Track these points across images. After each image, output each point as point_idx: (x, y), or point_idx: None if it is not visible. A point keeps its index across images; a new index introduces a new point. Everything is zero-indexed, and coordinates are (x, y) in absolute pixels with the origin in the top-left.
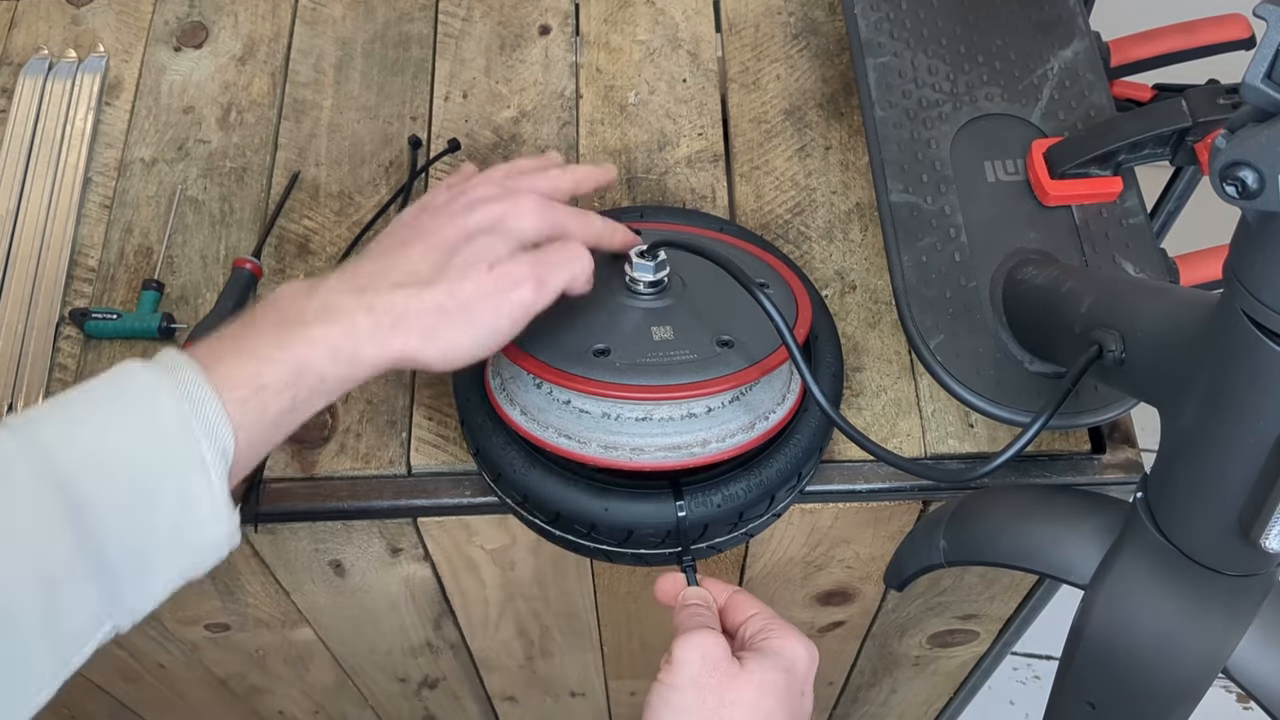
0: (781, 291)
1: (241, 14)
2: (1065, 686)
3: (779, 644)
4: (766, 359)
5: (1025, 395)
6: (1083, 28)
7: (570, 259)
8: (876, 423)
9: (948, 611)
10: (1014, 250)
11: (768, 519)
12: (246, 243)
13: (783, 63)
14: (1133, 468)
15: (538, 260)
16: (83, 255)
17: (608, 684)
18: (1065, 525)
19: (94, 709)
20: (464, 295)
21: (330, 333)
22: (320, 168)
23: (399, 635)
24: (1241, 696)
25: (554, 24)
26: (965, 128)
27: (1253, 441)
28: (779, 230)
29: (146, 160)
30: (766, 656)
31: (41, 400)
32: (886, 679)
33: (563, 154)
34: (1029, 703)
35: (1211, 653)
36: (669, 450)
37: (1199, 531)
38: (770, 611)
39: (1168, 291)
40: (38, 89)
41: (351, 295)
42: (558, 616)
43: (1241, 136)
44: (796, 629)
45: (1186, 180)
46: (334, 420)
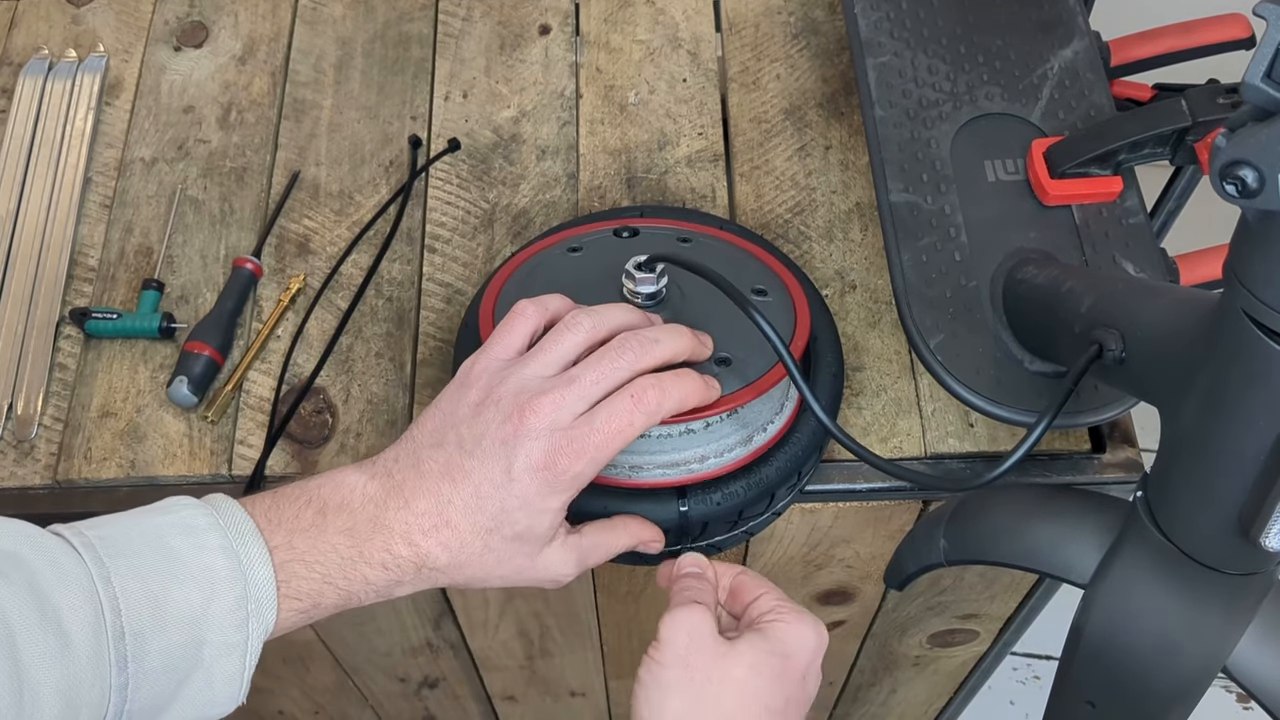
0: (780, 297)
1: (241, 14)
2: (1065, 686)
3: (782, 628)
4: (763, 378)
5: (1025, 395)
6: (1083, 28)
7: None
8: (876, 422)
9: (948, 611)
10: (1014, 250)
11: (767, 518)
12: (246, 242)
13: (783, 62)
14: (1133, 467)
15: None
16: (83, 255)
17: (608, 684)
18: (1065, 525)
19: None
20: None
21: (384, 577)
22: (320, 168)
23: (399, 635)
24: (1241, 696)
25: (554, 24)
26: (965, 127)
27: (1253, 441)
28: (779, 230)
29: (146, 160)
30: (765, 638)
31: (41, 400)
32: (886, 679)
33: (562, 154)
34: (1029, 703)
35: (1211, 652)
36: (667, 468)
37: (1199, 531)
38: (779, 593)
39: (1168, 291)
40: (38, 89)
41: (404, 527)
42: (558, 616)
43: (1241, 136)
44: (806, 612)
45: (1186, 180)
46: (334, 420)
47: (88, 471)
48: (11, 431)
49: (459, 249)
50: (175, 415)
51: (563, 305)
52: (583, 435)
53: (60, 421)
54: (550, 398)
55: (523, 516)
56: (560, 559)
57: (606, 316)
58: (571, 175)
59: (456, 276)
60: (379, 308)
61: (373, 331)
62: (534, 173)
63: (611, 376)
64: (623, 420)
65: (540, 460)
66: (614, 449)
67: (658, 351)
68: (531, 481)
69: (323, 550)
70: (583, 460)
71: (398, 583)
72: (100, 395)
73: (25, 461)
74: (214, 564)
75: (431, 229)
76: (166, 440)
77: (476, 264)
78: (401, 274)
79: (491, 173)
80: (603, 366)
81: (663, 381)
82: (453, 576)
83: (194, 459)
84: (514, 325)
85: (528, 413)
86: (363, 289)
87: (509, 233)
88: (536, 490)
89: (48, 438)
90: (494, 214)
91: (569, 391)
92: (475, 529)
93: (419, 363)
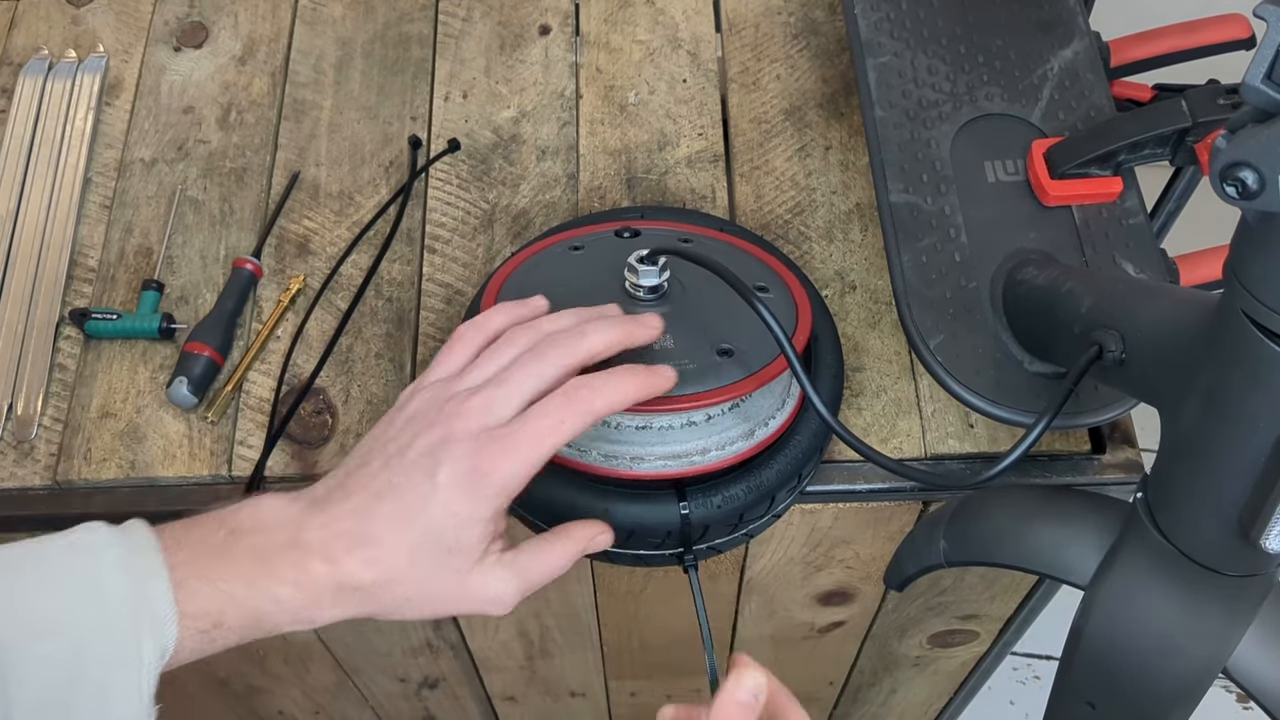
0: (781, 295)
1: (241, 14)
2: (1065, 686)
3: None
4: (766, 369)
5: (1025, 395)
6: (1083, 28)
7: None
8: (876, 423)
9: (948, 611)
10: (1014, 250)
11: (768, 520)
12: (246, 243)
13: (783, 63)
14: (1133, 468)
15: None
16: (83, 255)
17: (608, 684)
18: (1065, 526)
19: None
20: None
21: (298, 597)
22: (320, 168)
23: (399, 635)
24: (1241, 696)
25: (554, 24)
26: (965, 128)
27: (1253, 441)
28: (779, 230)
29: (146, 160)
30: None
31: (41, 401)
32: (886, 679)
33: (562, 154)
34: (1029, 703)
35: (1211, 653)
36: (669, 459)
37: (1199, 532)
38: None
39: (1168, 291)
40: (38, 89)
41: (322, 545)
42: (558, 616)
43: (1241, 137)
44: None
45: (1186, 180)
46: (334, 420)
47: (87, 472)
48: (11, 432)
49: (459, 249)
50: (175, 416)
51: (504, 322)
52: (510, 434)
53: (60, 422)
54: (476, 400)
55: (451, 528)
56: (497, 578)
57: (544, 325)
58: (571, 176)
59: (456, 277)
60: (379, 308)
61: (373, 332)
62: (534, 173)
63: (540, 375)
64: (553, 418)
65: (466, 465)
66: (545, 450)
67: (585, 345)
68: (458, 489)
69: (228, 568)
70: (512, 460)
71: (315, 604)
72: (100, 396)
73: (25, 462)
74: (102, 576)
75: (431, 229)
76: (166, 441)
77: (476, 264)
78: (401, 274)
79: (491, 173)
80: (529, 367)
81: (595, 380)
82: (380, 599)
83: (194, 460)
84: (452, 350)
85: (454, 418)
86: (362, 289)
87: (509, 233)
88: (464, 498)
89: (47, 438)
90: (494, 214)
91: (495, 393)
92: (401, 544)
93: (419, 363)
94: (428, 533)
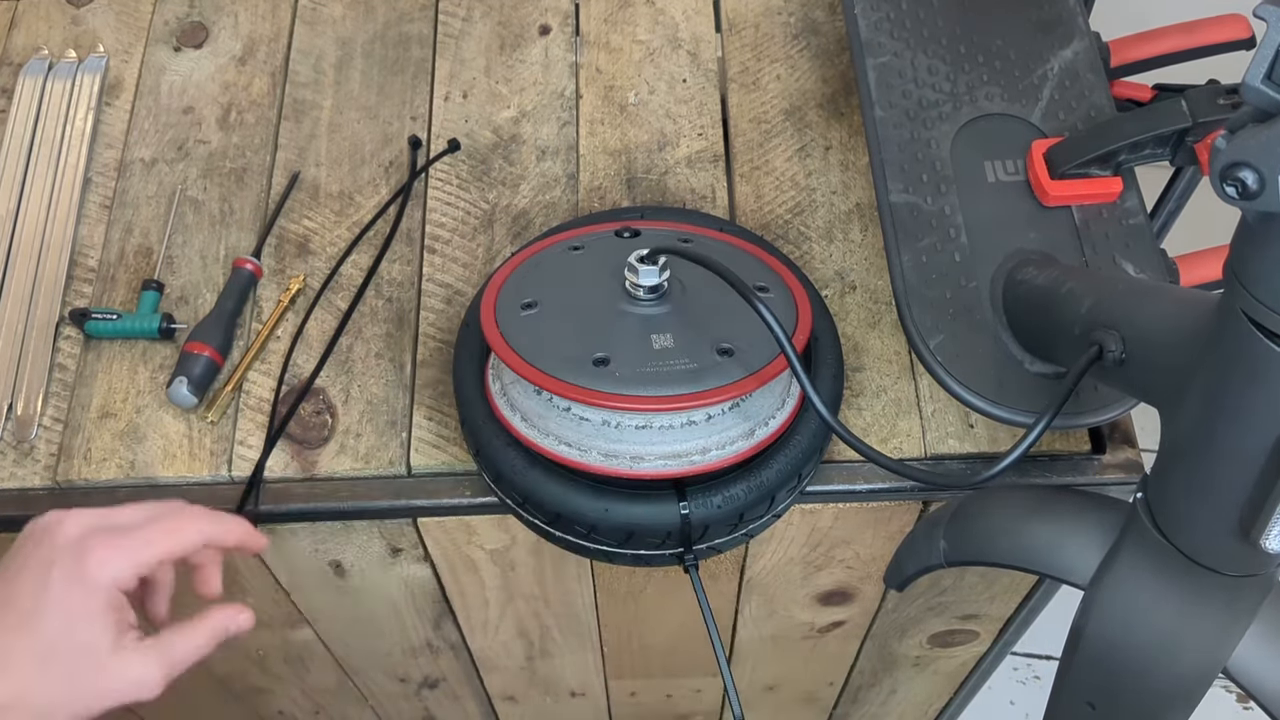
0: (781, 295)
1: (241, 14)
2: (1065, 686)
3: None
4: (765, 368)
5: (1025, 395)
6: (1083, 28)
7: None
8: (876, 423)
9: (948, 611)
10: (1014, 250)
11: (768, 520)
12: (246, 243)
13: (783, 63)
14: (1133, 468)
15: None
16: (83, 255)
17: (608, 684)
18: (1065, 526)
19: None
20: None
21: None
22: (320, 168)
23: (399, 635)
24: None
25: (554, 24)
26: (965, 128)
27: (1252, 441)
28: (779, 230)
29: (146, 160)
30: None
31: (40, 401)
32: (886, 679)
33: (562, 154)
34: (1029, 703)
35: (1211, 653)
36: (669, 459)
37: (1199, 531)
38: None
39: (1168, 292)
40: (38, 89)
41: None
42: (558, 616)
43: (1241, 137)
44: None
45: (1186, 180)
46: (334, 421)
47: (87, 472)
48: (11, 432)
49: (459, 249)
50: (175, 416)
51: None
52: (119, 533)
53: (60, 422)
54: (82, 513)
55: (73, 628)
56: (137, 663)
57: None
58: (571, 176)
59: (456, 277)
60: (379, 308)
61: (373, 332)
62: (534, 173)
63: (142, 513)
64: (168, 525)
65: (72, 562)
66: (154, 553)
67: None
68: (69, 585)
69: None
70: (119, 556)
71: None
72: (100, 396)
73: (25, 462)
74: None
75: (431, 229)
76: (166, 441)
77: (476, 264)
78: (401, 274)
79: (491, 173)
80: (143, 507)
81: (207, 510)
82: (18, 714)
83: (194, 460)
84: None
85: (60, 526)
86: (362, 289)
87: (509, 233)
88: (77, 594)
89: (47, 438)
90: (494, 214)
91: (101, 511)
92: (27, 652)
93: (419, 363)
94: (50, 636)
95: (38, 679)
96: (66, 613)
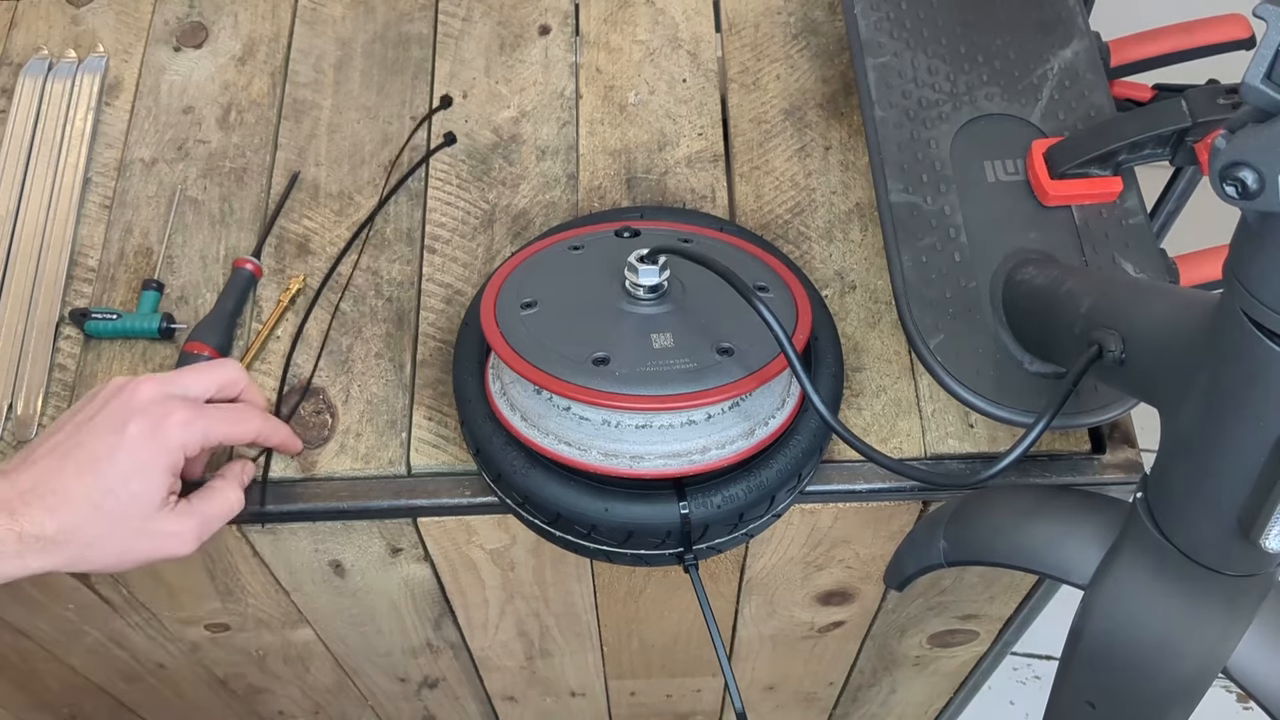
0: (781, 294)
1: (241, 14)
2: (1065, 686)
3: None
4: (765, 368)
5: (1025, 395)
6: (1083, 28)
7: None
8: (876, 423)
9: (948, 611)
10: (1014, 250)
11: (768, 519)
12: (246, 243)
13: (783, 63)
14: (1133, 468)
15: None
16: (83, 255)
17: (608, 684)
18: (1065, 525)
19: (94, 709)
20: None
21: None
22: (320, 168)
23: (399, 635)
24: (1241, 696)
25: (554, 24)
26: (965, 128)
27: (1252, 441)
28: (779, 230)
29: (146, 160)
30: None
31: (40, 401)
32: (886, 679)
33: (562, 154)
34: (1029, 703)
35: (1211, 653)
36: (669, 458)
37: (1199, 531)
38: None
39: (1168, 291)
40: (38, 89)
41: (4, 502)
42: (558, 616)
43: (1241, 137)
44: None
45: (1186, 180)
46: (334, 420)
47: None
48: (11, 431)
49: (459, 249)
50: None
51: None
52: (197, 407)
53: None
54: (155, 378)
55: (134, 474)
56: (175, 519)
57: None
58: (571, 176)
59: (456, 277)
60: (379, 308)
61: (373, 332)
62: (534, 173)
63: (204, 381)
64: (234, 415)
65: (153, 420)
66: (222, 432)
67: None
68: (144, 438)
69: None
70: (193, 426)
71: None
72: None
73: None
74: None
75: (431, 229)
76: None
77: (476, 264)
78: (401, 274)
79: (491, 173)
80: (204, 376)
81: (262, 411)
82: (64, 549)
83: None
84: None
85: (138, 388)
86: (332, 267)
87: (509, 233)
88: (149, 446)
89: None
90: (494, 214)
91: (176, 377)
92: (86, 493)
93: (419, 363)
94: (114, 483)
95: (89, 520)
96: (135, 463)
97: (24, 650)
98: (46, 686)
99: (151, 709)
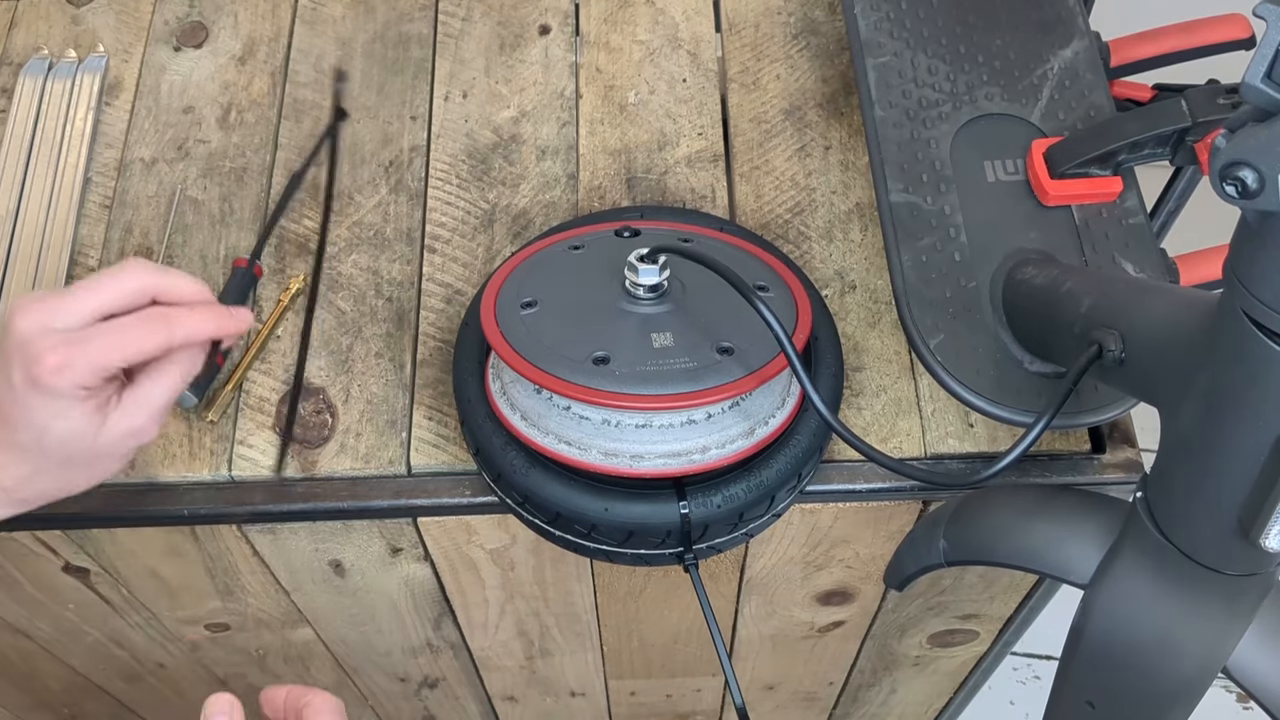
0: (781, 294)
1: (241, 14)
2: (1065, 686)
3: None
4: (765, 367)
5: (1025, 395)
6: (1083, 28)
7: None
8: (876, 423)
9: (948, 611)
10: (1014, 250)
11: (768, 519)
12: (246, 243)
13: (783, 63)
14: (1133, 468)
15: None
16: (83, 255)
17: (608, 684)
18: (1065, 525)
19: (94, 709)
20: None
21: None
22: (320, 168)
23: (399, 635)
24: (1241, 696)
25: (554, 24)
26: (965, 128)
27: (1252, 441)
28: (779, 230)
29: (146, 160)
30: None
31: None
32: (886, 679)
33: (562, 154)
34: (1029, 703)
35: (1211, 653)
36: (669, 457)
37: (1199, 531)
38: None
39: (1168, 291)
40: (38, 89)
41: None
42: (558, 616)
43: (1241, 136)
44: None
45: (1186, 180)
46: (334, 420)
47: None
48: None
49: (459, 249)
50: (175, 415)
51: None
52: (69, 345)
53: None
54: (32, 307)
55: (54, 419)
56: (125, 420)
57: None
58: (571, 175)
59: (456, 277)
60: (379, 308)
61: (373, 332)
62: (534, 173)
63: (95, 300)
64: (127, 336)
65: (26, 367)
66: (115, 358)
67: (177, 331)
68: (29, 391)
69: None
70: (76, 368)
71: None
72: None
73: None
74: None
75: (431, 229)
76: (166, 440)
77: (476, 264)
78: (401, 274)
79: (491, 173)
80: (97, 291)
81: (172, 311)
82: (27, 491)
83: (194, 459)
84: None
85: (13, 322)
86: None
87: (509, 233)
88: (37, 399)
89: None
90: (494, 214)
91: (59, 304)
92: (19, 442)
93: (419, 363)
94: (35, 427)
95: (38, 465)
96: (44, 410)
97: (24, 650)
98: (46, 686)
99: (151, 709)
